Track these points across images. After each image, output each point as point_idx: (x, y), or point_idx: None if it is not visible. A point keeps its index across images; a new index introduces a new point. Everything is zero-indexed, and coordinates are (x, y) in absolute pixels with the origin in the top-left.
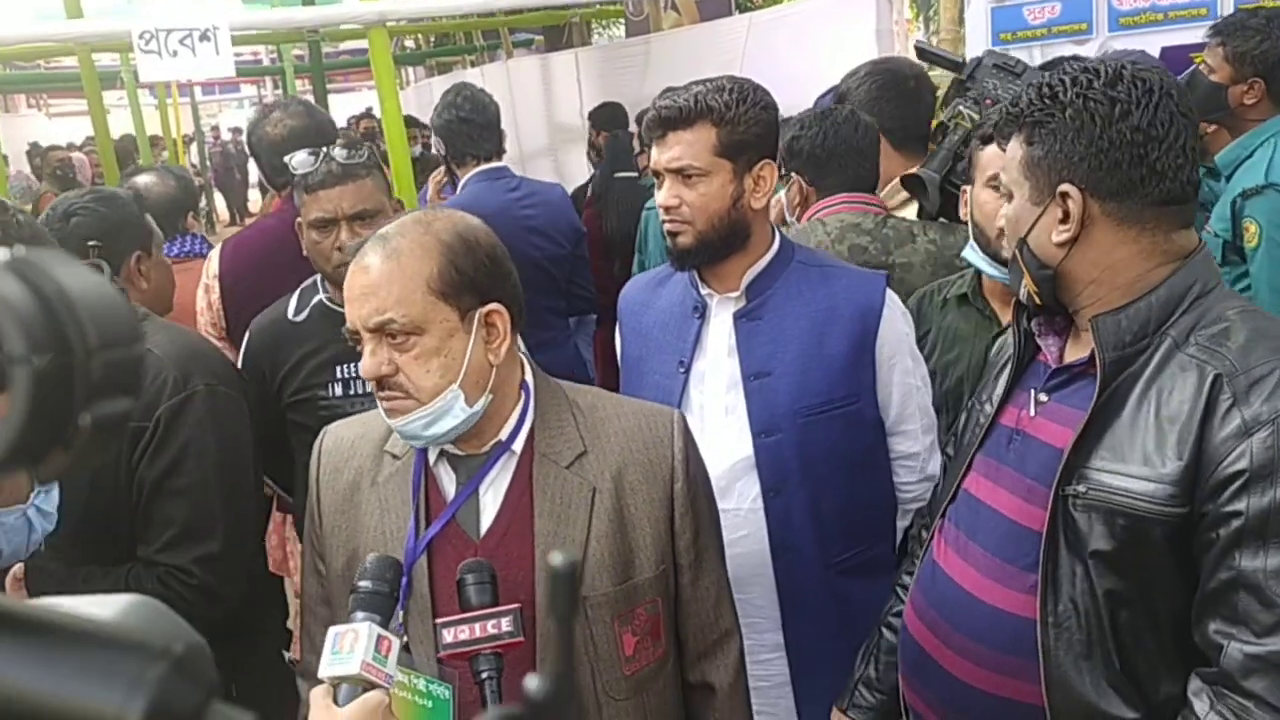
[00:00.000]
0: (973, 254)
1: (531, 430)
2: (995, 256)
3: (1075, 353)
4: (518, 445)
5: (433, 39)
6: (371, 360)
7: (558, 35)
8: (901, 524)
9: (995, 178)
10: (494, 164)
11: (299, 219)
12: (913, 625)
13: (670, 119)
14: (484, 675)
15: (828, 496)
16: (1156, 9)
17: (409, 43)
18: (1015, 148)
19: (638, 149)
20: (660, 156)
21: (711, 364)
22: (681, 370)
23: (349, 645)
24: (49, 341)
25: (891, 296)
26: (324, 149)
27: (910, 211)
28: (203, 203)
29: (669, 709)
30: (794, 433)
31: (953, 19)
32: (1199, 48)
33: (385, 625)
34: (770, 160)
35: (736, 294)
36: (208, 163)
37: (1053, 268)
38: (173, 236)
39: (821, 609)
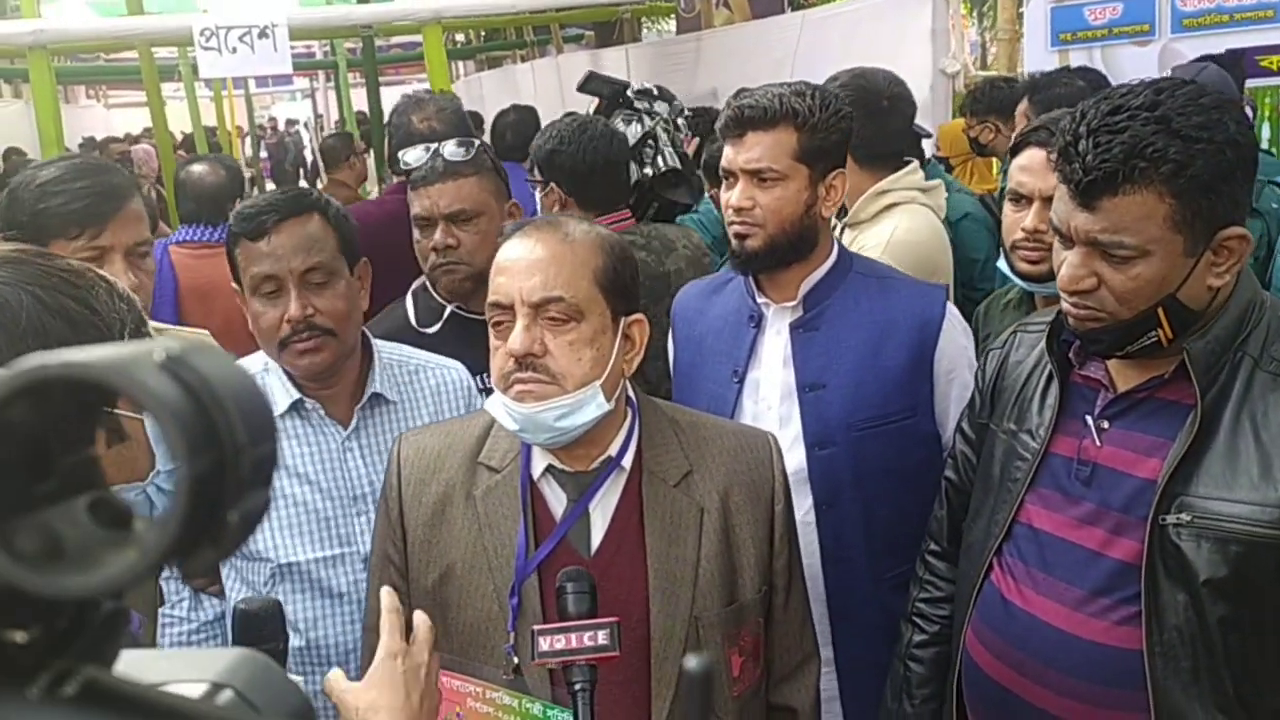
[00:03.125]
0: (1004, 265)
1: (639, 447)
2: (1011, 267)
3: (1127, 377)
4: (627, 461)
5: (483, 33)
6: (525, 335)
7: (608, 31)
8: None
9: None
10: None
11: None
12: (990, 666)
13: (753, 119)
14: (577, 686)
15: (881, 511)
16: (1222, 10)
17: (459, 37)
18: (1143, 203)
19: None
20: (737, 156)
21: (766, 374)
22: (735, 380)
23: None
24: (205, 443)
25: (951, 309)
26: (437, 145)
27: (884, 225)
28: (255, 194)
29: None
30: (848, 446)
31: (1011, 19)
32: (1264, 50)
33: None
34: (843, 170)
35: (793, 303)
36: (261, 154)
37: (1200, 311)
38: (219, 222)
39: (871, 623)
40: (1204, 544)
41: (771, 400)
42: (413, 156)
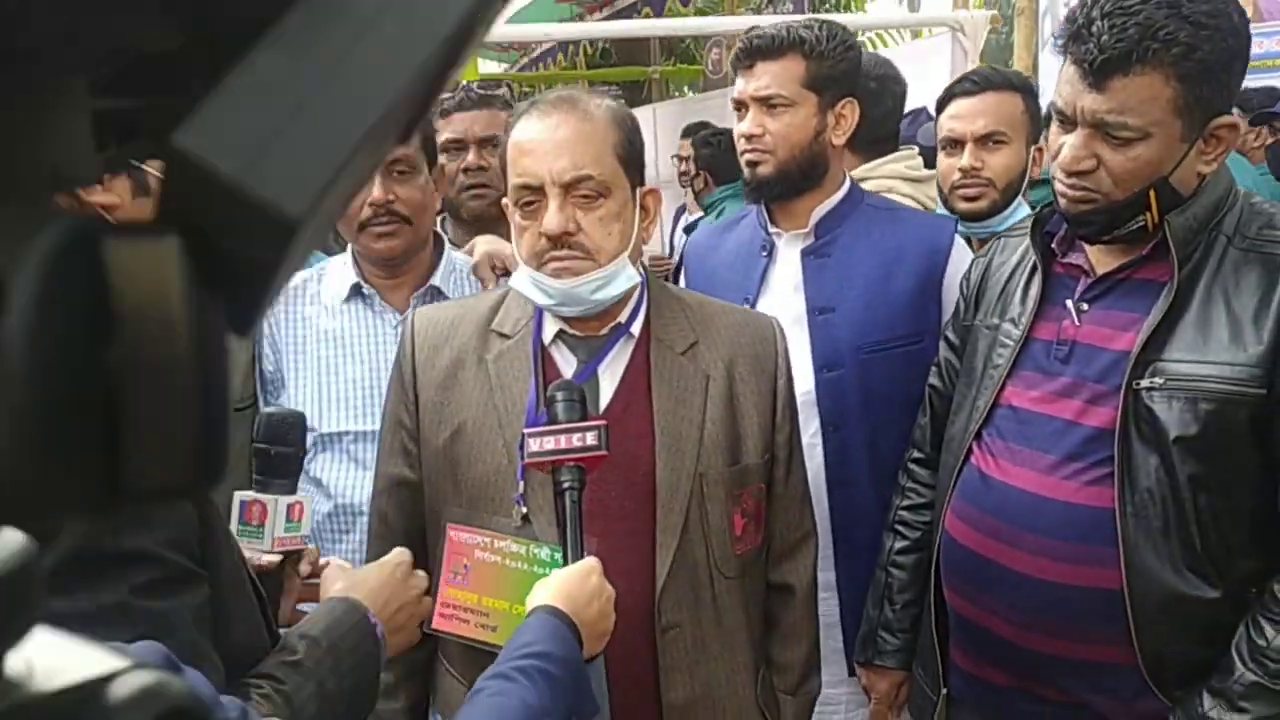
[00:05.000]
0: (942, 212)
1: (647, 316)
2: (951, 211)
3: (1106, 262)
4: (635, 329)
5: (517, 96)
6: (560, 215)
7: (637, 92)
8: None
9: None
10: None
11: None
12: (967, 538)
13: (761, 48)
14: (565, 485)
15: (886, 435)
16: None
17: None
18: (1150, 84)
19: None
20: (747, 86)
21: (777, 300)
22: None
23: (256, 518)
24: None
25: (959, 240)
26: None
27: None
28: None
29: (759, 600)
30: (855, 368)
31: (1026, 67)
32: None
33: (294, 487)
34: (852, 99)
35: (805, 230)
36: None
37: (1186, 198)
38: None
39: (873, 547)
40: (1175, 403)
41: (782, 325)
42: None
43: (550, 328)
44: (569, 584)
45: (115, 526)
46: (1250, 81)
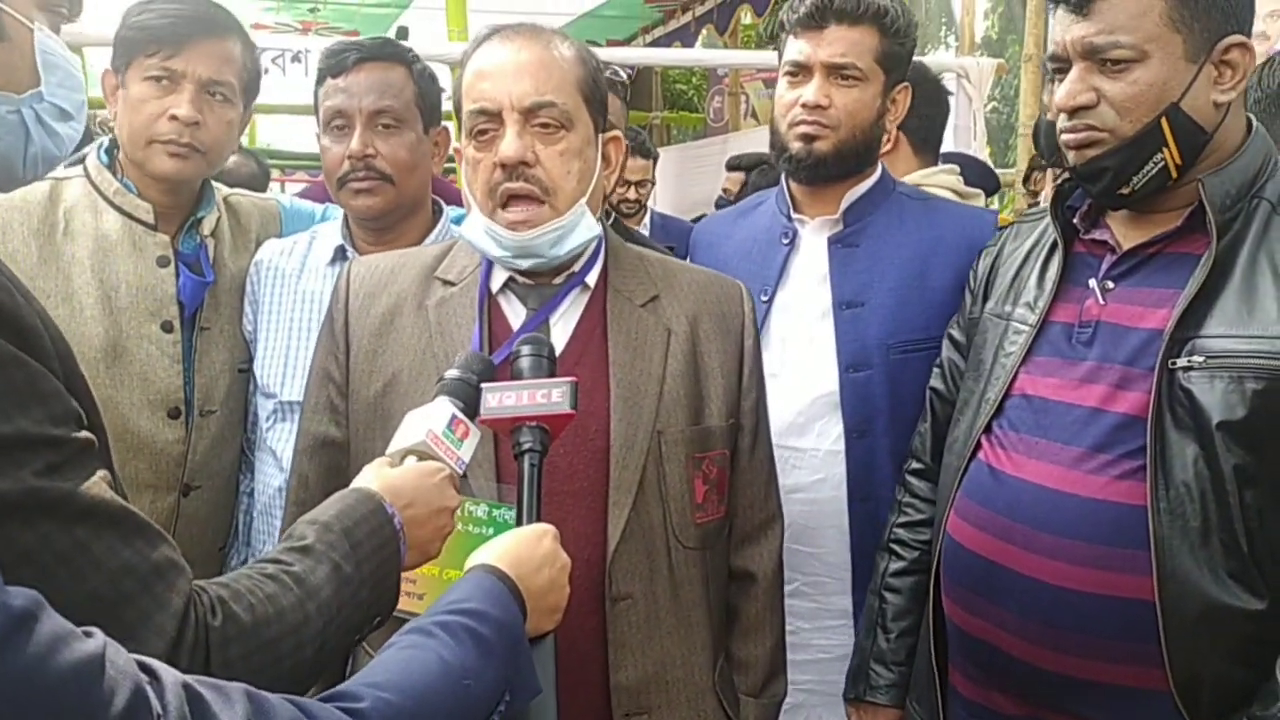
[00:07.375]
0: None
1: (605, 268)
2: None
3: (1133, 236)
4: (591, 279)
5: None
6: (519, 142)
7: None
8: None
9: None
10: None
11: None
12: (973, 541)
13: (839, 10)
14: (525, 447)
15: None
16: None
17: None
18: None
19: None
20: (817, 51)
21: (798, 292)
22: (764, 299)
23: (420, 420)
24: None
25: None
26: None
27: None
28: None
29: (722, 581)
30: (884, 369)
31: (1033, 114)
32: None
33: (469, 416)
34: (907, 86)
35: (834, 218)
36: None
37: (1210, 133)
38: None
39: None
40: (1218, 384)
41: (804, 319)
42: None
43: (499, 275)
44: (518, 546)
45: None
46: None
